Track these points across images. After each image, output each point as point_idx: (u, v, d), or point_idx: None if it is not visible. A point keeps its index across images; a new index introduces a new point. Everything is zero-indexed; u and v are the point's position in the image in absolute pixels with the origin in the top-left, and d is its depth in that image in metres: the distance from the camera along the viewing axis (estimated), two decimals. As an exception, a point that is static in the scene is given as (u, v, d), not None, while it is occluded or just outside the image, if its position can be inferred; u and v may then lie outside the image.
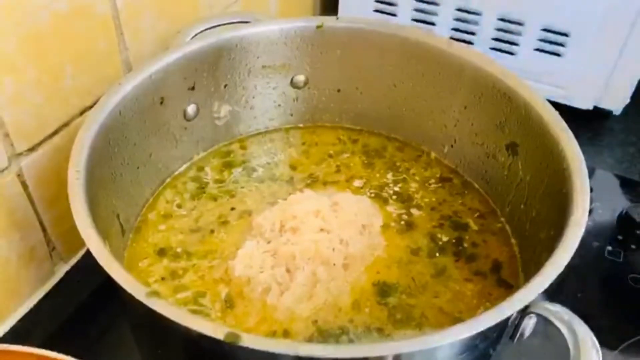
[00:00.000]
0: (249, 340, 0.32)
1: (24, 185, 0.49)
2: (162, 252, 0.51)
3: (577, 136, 0.74)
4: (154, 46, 0.58)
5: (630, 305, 0.57)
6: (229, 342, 0.32)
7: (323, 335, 0.45)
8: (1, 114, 0.45)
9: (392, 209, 0.55)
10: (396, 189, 0.57)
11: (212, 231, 0.53)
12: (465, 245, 0.52)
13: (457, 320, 0.34)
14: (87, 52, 0.51)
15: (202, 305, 0.47)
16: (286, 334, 0.45)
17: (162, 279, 0.49)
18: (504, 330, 0.39)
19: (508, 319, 0.36)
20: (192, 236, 0.52)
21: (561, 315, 0.37)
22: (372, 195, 0.57)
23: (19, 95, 0.46)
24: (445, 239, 0.53)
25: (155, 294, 0.34)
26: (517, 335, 0.40)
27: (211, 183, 0.57)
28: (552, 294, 0.54)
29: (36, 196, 0.51)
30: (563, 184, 0.44)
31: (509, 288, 0.48)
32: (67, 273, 0.56)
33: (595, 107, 0.74)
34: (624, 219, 0.63)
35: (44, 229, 0.53)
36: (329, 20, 0.58)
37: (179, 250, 0.51)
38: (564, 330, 0.36)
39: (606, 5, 0.66)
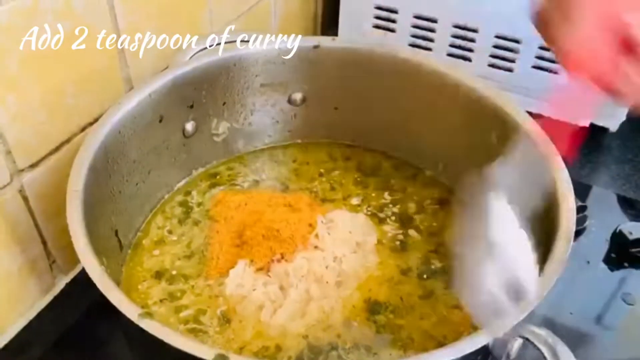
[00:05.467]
0: (237, 362, 0.33)
1: (26, 200, 0.50)
2: (159, 275, 0.51)
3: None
4: (155, 64, 0.59)
5: (623, 324, 0.57)
6: (218, 363, 0.33)
7: (313, 351, 0.46)
8: (4, 131, 0.46)
9: (389, 228, 0.56)
10: (395, 209, 0.58)
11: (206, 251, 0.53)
12: (457, 274, 0.53)
13: (441, 344, 0.35)
14: (89, 71, 0.52)
15: (201, 323, 0.48)
16: (278, 349, 0.46)
17: (161, 300, 0.49)
18: (490, 353, 0.40)
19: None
20: (187, 261, 0.53)
21: (545, 339, 0.37)
22: (369, 213, 0.58)
23: (22, 114, 0.47)
24: (438, 265, 0.53)
25: (147, 315, 0.35)
26: (504, 357, 0.40)
27: (195, 207, 0.58)
28: (545, 312, 0.55)
29: (37, 211, 0.52)
30: (551, 206, 0.45)
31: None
32: (67, 285, 0.57)
33: (592, 124, 0.75)
34: (618, 236, 0.63)
35: (44, 243, 0.54)
36: (325, 41, 0.59)
37: (174, 272, 0.52)
38: (546, 353, 0.37)
39: (602, 24, 0.67)
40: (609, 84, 0.37)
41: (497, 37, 0.74)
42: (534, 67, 0.74)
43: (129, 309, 0.35)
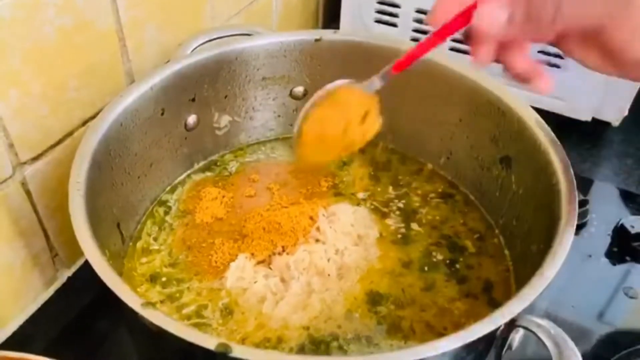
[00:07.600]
0: (238, 351, 0.33)
1: (28, 193, 0.51)
2: (153, 279, 0.51)
3: (575, 147, 0.76)
4: (156, 58, 0.59)
5: (625, 318, 0.57)
6: (220, 353, 0.33)
7: (314, 342, 0.46)
8: (6, 125, 0.47)
9: (392, 222, 0.56)
10: (400, 204, 0.58)
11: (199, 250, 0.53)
12: (458, 267, 0.52)
13: (442, 336, 0.35)
14: (91, 65, 0.52)
15: (204, 317, 0.48)
16: (279, 340, 0.46)
17: (162, 301, 0.49)
18: (492, 343, 0.40)
19: (495, 332, 0.37)
20: (173, 268, 0.52)
21: (547, 329, 0.37)
22: (372, 207, 0.57)
23: (24, 107, 0.47)
24: (440, 257, 0.53)
25: (150, 304, 0.35)
26: (505, 347, 0.41)
27: (172, 207, 0.57)
28: (547, 306, 0.55)
29: (39, 204, 0.52)
30: (553, 200, 0.45)
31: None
32: (70, 279, 0.58)
33: (594, 119, 0.75)
34: (619, 230, 0.63)
35: (46, 236, 0.54)
36: (327, 34, 0.59)
37: (164, 279, 0.51)
38: (548, 344, 0.37)
39: (604, 18, 0.67)
40: None
41: (499, 31, 0.73)
42: (537, 61, 0.73)
43: (132, 299, 0.35)
